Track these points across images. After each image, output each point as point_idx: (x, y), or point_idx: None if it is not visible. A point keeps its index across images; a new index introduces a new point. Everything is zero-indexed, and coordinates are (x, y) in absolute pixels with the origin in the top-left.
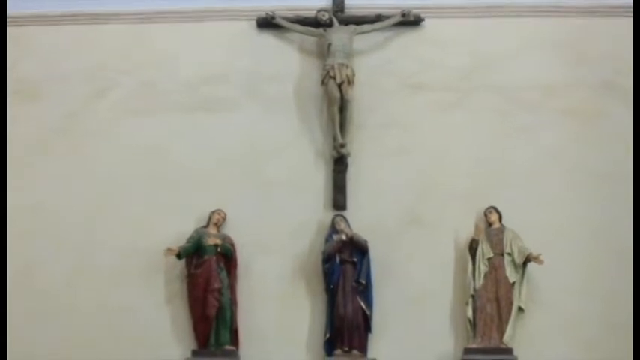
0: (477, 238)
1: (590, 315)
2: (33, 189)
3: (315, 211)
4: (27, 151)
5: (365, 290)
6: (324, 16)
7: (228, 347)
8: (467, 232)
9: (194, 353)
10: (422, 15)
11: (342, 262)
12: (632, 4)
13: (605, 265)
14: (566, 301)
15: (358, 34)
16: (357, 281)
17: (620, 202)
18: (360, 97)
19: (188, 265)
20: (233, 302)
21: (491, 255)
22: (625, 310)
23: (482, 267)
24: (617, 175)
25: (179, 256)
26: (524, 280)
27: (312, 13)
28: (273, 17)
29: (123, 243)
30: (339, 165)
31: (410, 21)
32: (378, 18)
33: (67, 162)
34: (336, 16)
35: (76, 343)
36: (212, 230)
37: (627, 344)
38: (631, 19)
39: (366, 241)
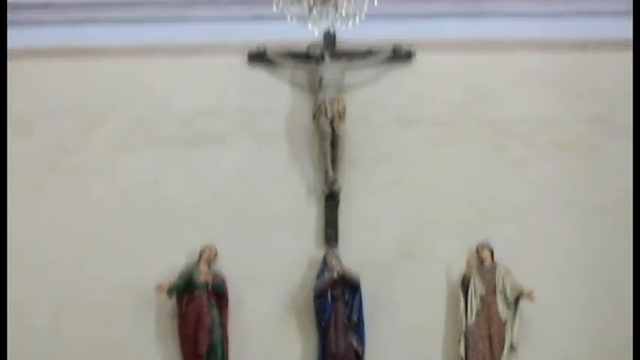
0: (468, 274)
1: (582, 353)
2: (24, 223)
3: (306, 247)
4: (18, 185)
5: (356, 327)
6: (315, 50)
7: None
8: (459, 267)
9: None
10: (413, 50)
11: (334, 299)
12: (625, 40)
13: (598, 302)
14: (558, 338)
15: (350, 68)
16: (349, 318)
17: (613, 238)
18: (351, 132)
19: (179, 301)
20: (224, 340)
21: (484, 292)
22: (618, 347)
23: (475, 304)
24: (611, 211)
25: (170, 292)
26: (517, 318)
27: (303, 48)
28: (264, 52)
29: (114, 279)
30: (331, 200)
31: (401, 55)
32: (370, 53)
33: (58, 197)
34: (327, 51)
35: None
36: (203, 267)
37: None
38: (625, 54)
39: (357, 278)
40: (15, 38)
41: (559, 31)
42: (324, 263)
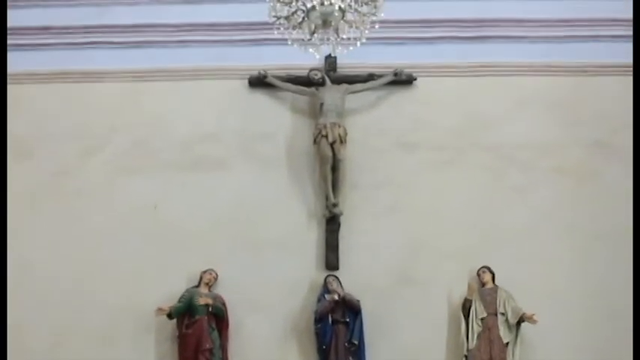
0: (469, 298)
1: None
2: (23, 247)
3: (307, 271)
4: (17, 208)
5: (357, 351)
6: (316, 75)
7: None
8: (460, 292)
9: None
10: (414, 74)
11: (335, 322)
12: (626, 64)
13: (599, 325)
14: None
15: (350, 93)
16: (350, 342)
17: (613, 262)
18: (352, 156)
19: (179, 325)
20: None
21: (485, 315)
22: None
23: (476, 327)
24: (611, 235)
25: (170, 316)
26: (518, 341)
27: (304, 72)
28: (265, 76)
29: (113, 303)
30: (332, 224)
31: (402, 80)
32: (371, 77)
33: (57, 220)
34: (328, 75)
35: None
36: (203, 290)
37: None
38: (625, 77)
39: (358, 301)
40: (16, 62)
41: (559, 56)
42: (325, 287)
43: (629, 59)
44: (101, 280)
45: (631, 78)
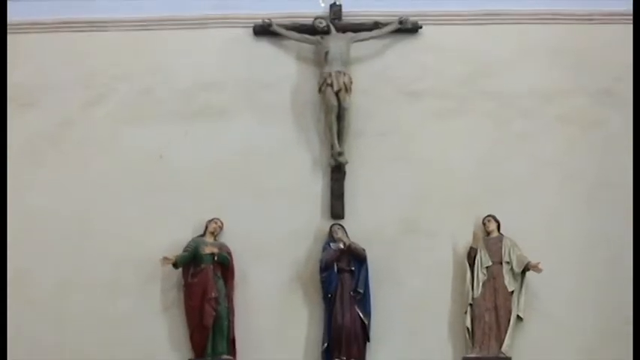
0: (475, 246)
1: (588, 323)
2: (27, 196)
3: (312, 220)
4: (21, 158)
5: (363, 299)
6: (321, 23)
7: (225, 357)
8: (465, 240)
9: None
10: (419, 22)
11: (340, 270)
12: (630, 12)
13: (603, 274)
14: (564, 309)
15: (355, 41)
16: (355, 290)
17: (618, 210)
18: (357, 104)
19: (185, 274)
20: (230, 311)
21: (490, 264)
22: (623, 318)
23: (481, 276)
24: (616, 183)
25: (175, 265)
26: (523, 289)
27: (309, 21)
28: (270, 24)
29: (118, 252)
30: (337, 173)
31: (407, 28)
32: (376, 25)
33: (61, 170)
34: (333, 24)
35: (70, 353)
36: (209, 239)
37: (625, 352)
38: (629, 26)
39: (363, 249)
40: (18, 11)
41: (565, 4)
42: (330, 235)
43: None
44: (106, 230)
45: None
